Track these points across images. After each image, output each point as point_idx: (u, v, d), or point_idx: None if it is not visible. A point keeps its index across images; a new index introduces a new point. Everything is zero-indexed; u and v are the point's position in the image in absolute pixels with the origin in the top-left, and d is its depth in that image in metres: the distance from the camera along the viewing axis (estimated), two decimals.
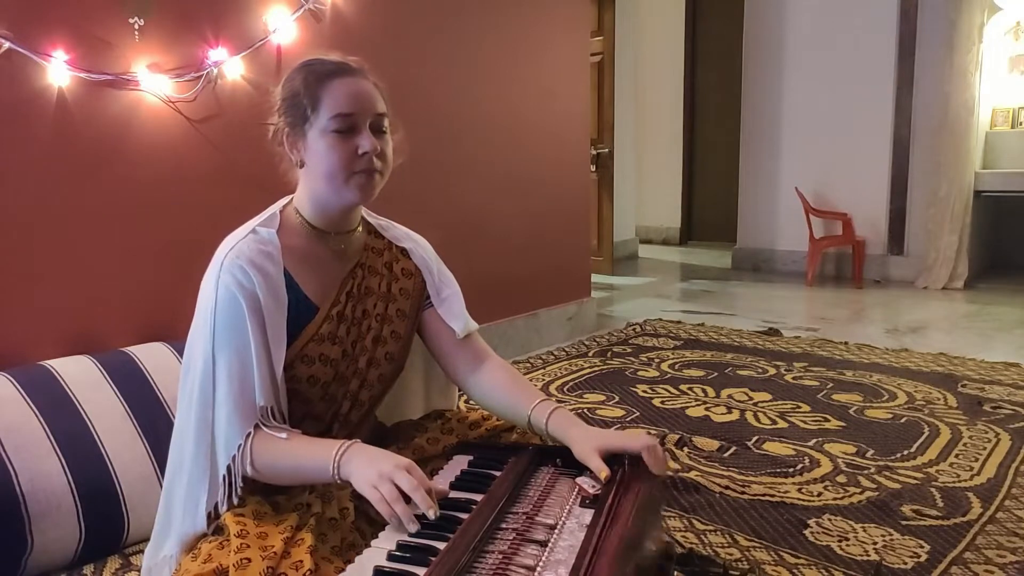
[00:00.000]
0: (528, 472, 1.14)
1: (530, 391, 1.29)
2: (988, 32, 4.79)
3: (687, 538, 1.70)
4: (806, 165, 5.57)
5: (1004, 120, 5.08)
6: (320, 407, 1.23)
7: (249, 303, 1.11)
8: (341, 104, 1.15)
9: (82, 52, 1.93)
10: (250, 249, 1.15)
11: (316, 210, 1.22)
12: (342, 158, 1.14)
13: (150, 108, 2.09)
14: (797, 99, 5.59)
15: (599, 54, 5.25)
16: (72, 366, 1.77)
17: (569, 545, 0.93)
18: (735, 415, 2.56)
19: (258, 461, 1.09)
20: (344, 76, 1.17)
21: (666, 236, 7.75)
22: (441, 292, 1.36)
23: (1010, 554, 1.62)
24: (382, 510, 1.00)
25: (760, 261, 5.92)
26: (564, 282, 3.79)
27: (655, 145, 7.54)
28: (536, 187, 3.52)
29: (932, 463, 2.12)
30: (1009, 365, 3.10)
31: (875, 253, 5.32)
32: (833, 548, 1.65)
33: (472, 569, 0.88)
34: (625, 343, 3.62)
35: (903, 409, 2.59)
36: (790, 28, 5.58)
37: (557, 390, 2.89)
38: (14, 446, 1.55)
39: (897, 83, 5.12)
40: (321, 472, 1.07)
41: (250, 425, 1.10)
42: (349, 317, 1.24)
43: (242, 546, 1.00)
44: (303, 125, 1.16)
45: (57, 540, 1.56)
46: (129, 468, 1.67)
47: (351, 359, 1.24)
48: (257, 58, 2.31)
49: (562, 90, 3.63)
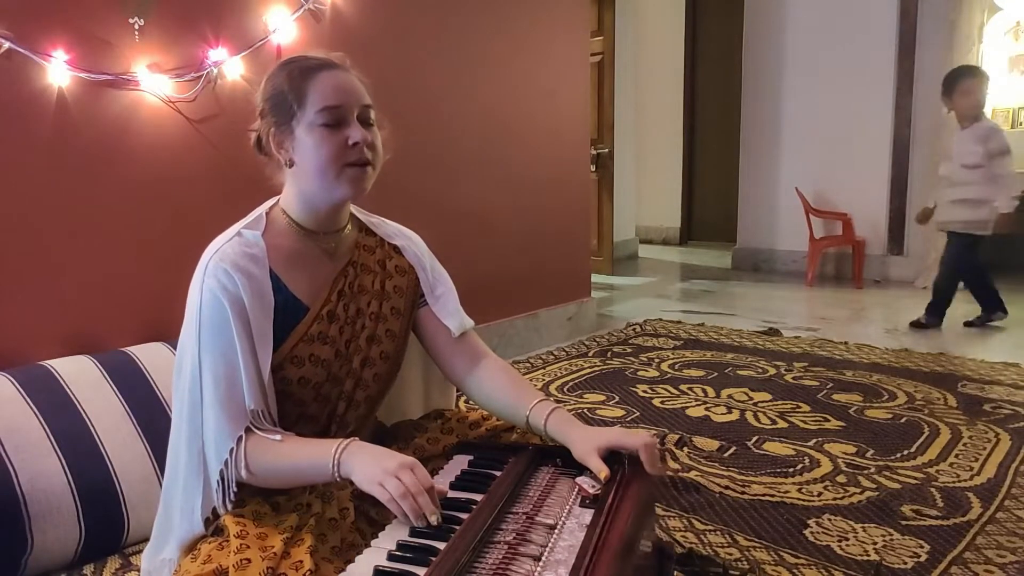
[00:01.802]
0: (528, 472, 1.14)
1: (528, 391, 1.29)
2: (988, 32, 4.80)
3: (687, 538, 1.70)
4: (806, 165, 5.57)
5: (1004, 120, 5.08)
6: (314, 408, 1.22)
7: (233, 306, 1.10)
8: (328, 97, 1.13)
9: (82, 52, 1.94)
10: (234, 252, 1.14)
11: (305, 209, 1.21)
12: (332, 151, 1.13)
13: (150, 108, 2.09)
14: (797, 99, 5.59)
15: (599, 54, 5.25)
16: (72, 366, 1.77)
17: (569, 545, 0.93)
18: (735, 415, 2.56)
19: (253, 464, 1.08)
20: (329, 70, 1.16)
21: (666, 236, 7.75)
22: (435, 289, 1.34)
23: (1010, 554, 1.62)
24: (392, 508, 1.00)
25: (760, 261, 5.92)
26: (564, 282, 3.79)
27: (655, 145, 7.54)
28: (536, 187, 3.53)
29: (932, 463, 2.12)
30: (1009, 365, 3.10)
31: (875, 253, 5.32)
32: (833, 548, 1.65)
33: (472, 569, 0.88)
34: (625, 343, 3.62)
35: (903, 409, 2.59)
36: (790, 28, 5.58)
37: (557, 390, 2.89)
38: (14, 446, 1.55)
39: (897, 83, 5.12)
40: (320, 471, 1.07)
41: (240, 429, 1.09)
42: (341, 316, 1.23)
43: (242, 547, 0.99)
44: (290, 122, 1.14)
45: (57, 540, 1.56)
46: (129, 468, 1.67)
47: (344, 359, 1.23)
48: (257, 58, 2.31)
49: (562, 90, 3.63)
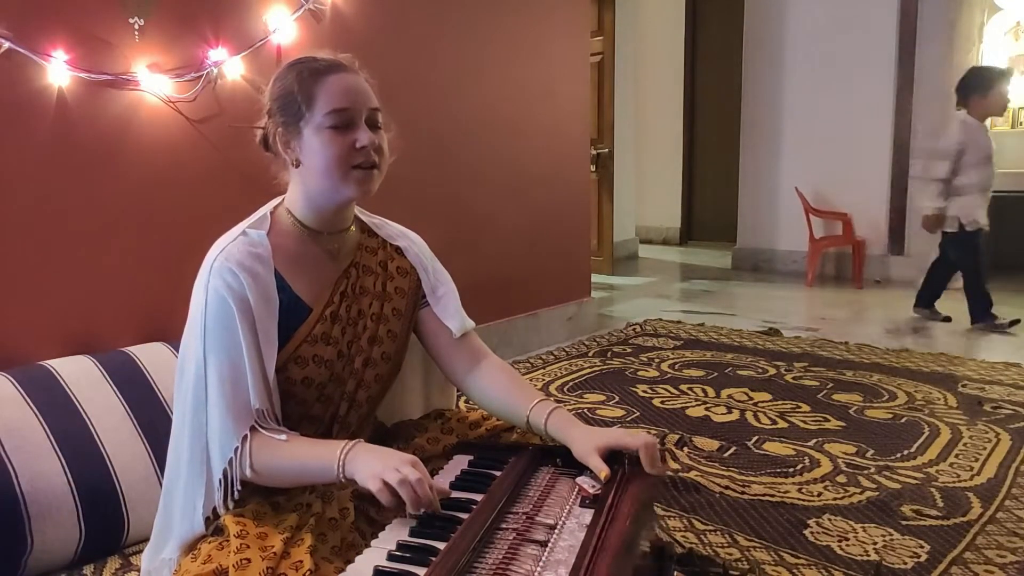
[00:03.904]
0: (528, 472, 1.14)
1: (528, 391, 1.29)
2: (988, 32, 4.80)
3: (687, 538, 1.70)
4: (806, 165, 5.57)
5: (1004, 120, 5.08)
6: (317, 408, 1.22)
7: (239, 306, 1.11)
8: (337, 99, 1.14)
9: (82, 52, 1.93)
10: (239, 251, 1.14)
11: (310, 209, 1.21)
12: (339, 153, 1.13)
13: (150, 108, 2.09)
14: (797, 99, 5.59)
15: (599, 54, 5.25)
16: (72, 366, 1.77)
17: (569, 545, 0.93)
18: (735, 415, 2.56)
19: (258, 463, 1.08)
20: (338, 72, 1.16)
21: (666, 236, 7.75)
22: (436, 290, 1.34)
23: (1010, 554, 1.62)
24: (383, 499, 1.00)
25: (760, 261, 5.92)
26: (564, 282, 3.79)
27: (655, 145, 7.54)
28: (536, 187, 3.52)
29: (932, 463, 2.12)
30: (1009, 365, 3.10)
31: (875, 253, 5.32)
32: (833, 548, 1.65)
33: (472, 569, 0.88)
34: (625, 343, 3.62)
35: (903, 409, 2.59)
36: (790, 28, 5.58)
37: (557, 390, 2.89)
38: (14, 446, 1.55)
39: (897, 83, 5.12)
40: (326, 473, 1.07)
41: (245, 428, 1.09)
42: (344, 317, 1.23)
43: (242, 546, 0.99)
44: (298, 123, 1.15)
45: (57, 540, 1.56)
46: (129, 468, 1.67)
47: (347, 360, 1.23)
48: (257, 58, 2.31)
49: (562, 90, 3.63)
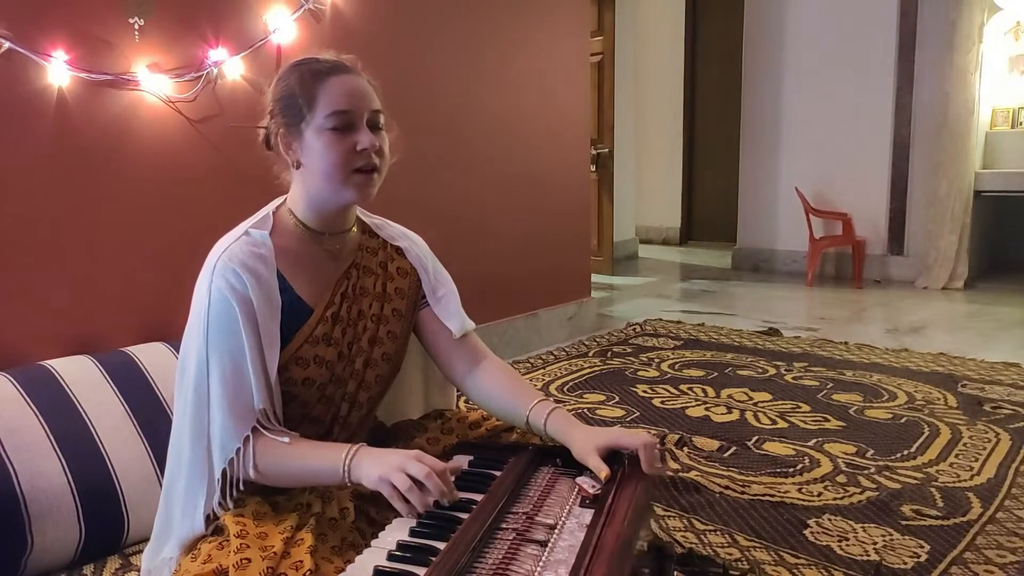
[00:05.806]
0: (528, 472, 1.14)
1: (528, 391, 1.29)
2: (988, 32, 4.79)
3: (687, 538, 1.70)
4: (806, 165, 5.57)
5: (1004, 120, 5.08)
6: (318, 409, 1.22)
7: (242, 306, 1.11)
8: (338, 101, 1.14)
9: (82, 52, 1.93)
10: (242, 252, 1.14)
11: (311, 210, 1.21)
12: (340, 155, 1.13)
13: (150, 108, 2.09)
14: (797, 99, 5.59)
15: (599, 54, 5.25)
16: (72, 366, 1.77)
17: (569, 545, 0.93)
18: (735, 415, 2.56)
19: (262, 465, 1.09)
20: (340, 74, 1.16)
21: (666, 236, 7.74)
22: (437, 291, 1.34)
23: (1010, 554, 1.62)
24: (398, 506, 1.00)
25: (760, 261, 5.92)
26: (564, 282, 3.79)
27: (655, 145, 7.54)
28: (536, 187, 3.52)
29: (932, 463, 2.12)
30: (1009, 365, 3.10)
31: (875, 253, 5.32)
32: (833, 548, 1.65)
33: (472, 569, 0.88)
34: (625, 343, 3.62)
35: (903, 409, 2.59)
36: (790, 28, 5.57)
37: (557, 390, 2.89)
38: (14, 446, 1.55)
39: (897, 83, 5.12)
40: (331, 476, 1.08)
41: (247, 428, 1.09)
42: (344, 318, 1.23)
43: (242, 546, 0.99)
44: (299, 124, 1.15)
45: (57, 540, 1.56)
46: (129, 468, 1.67)
47: (347, 360, 1.23)
48: (257, 58, 2.31)
49: (562, 90, 3.63)
